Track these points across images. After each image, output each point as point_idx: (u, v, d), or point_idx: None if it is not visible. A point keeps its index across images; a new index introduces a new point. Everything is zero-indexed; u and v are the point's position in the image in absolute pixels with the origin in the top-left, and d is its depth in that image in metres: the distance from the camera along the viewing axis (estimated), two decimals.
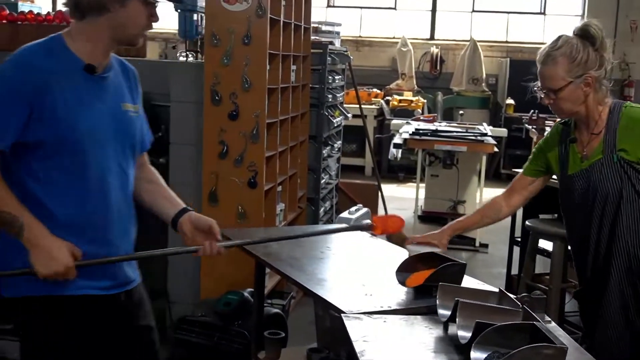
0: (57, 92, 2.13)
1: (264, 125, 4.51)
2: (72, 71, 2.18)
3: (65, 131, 2.14)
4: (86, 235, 2.23)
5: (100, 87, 2.24)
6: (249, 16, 4.41)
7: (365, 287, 2.71)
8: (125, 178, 2.36)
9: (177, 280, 4.80)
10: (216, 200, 4.56)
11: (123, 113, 2.31)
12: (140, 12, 2.21)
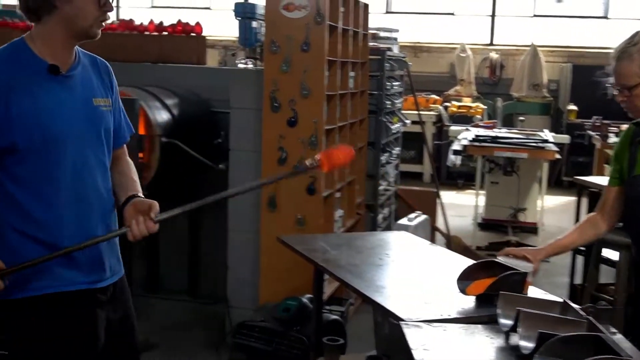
0: (23, 95, 2.15)
1: (322, 132, 4.52)
2: (36, 73, 2.20)
3: (36, 132, 2.16)
4: (64, 231, 2.25)
5: (67, 85, 2.26)
6: (307, 23, 4.43)
7: (425, 294, 2.69)
8: (104, 170, 2.38)
9: (236, 286, 4.84)
10: (275, 206, 4.58)
11: (94, 108, 2.32)
12: (87, 2, 2.21)
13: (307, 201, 4.54)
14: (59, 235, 2.23)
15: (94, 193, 2.34)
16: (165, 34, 5.63)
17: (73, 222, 2.27)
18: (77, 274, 2.29)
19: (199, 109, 5.18)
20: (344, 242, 3.68)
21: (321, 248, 3.45)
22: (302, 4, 4.42)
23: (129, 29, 5.70)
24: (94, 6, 2.22)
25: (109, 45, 5.67)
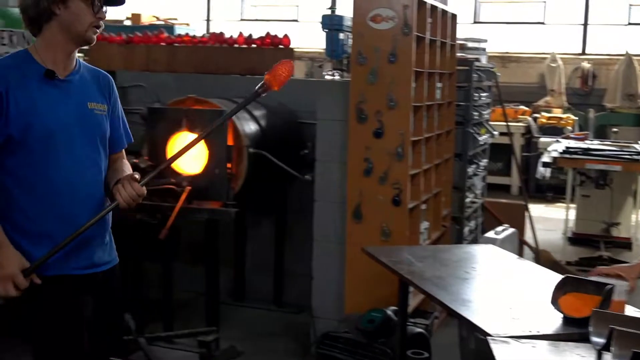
0: (21, 95, 2.39)
1: (408, 143, 4.50)
2: (34, 77, 2.44)
3: (30, 128, 2.39)
4: (54, 223, 2.44)
5: (63, 89, 2.49)
6: (395, 34, 4.42)
7: (513, 309, 2.63)
8: (96, 168, 2.56)
9: (321, 296, 4.86)
10: (360, 217, 4.58)
11: (89, 111, 2.54)
12: (82, 9, 2.44)
13: (393, 212, 4.52)
14: (49, 227, 2.44)
15: (85, 189, 2.52)
16: (254, 46, 5.73)
17: (62, 215, 2.46)
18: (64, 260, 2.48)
19: (286, 120, 5.24)
20: (429, 254, 3.65)
21: (406, 260, 3.43)
22: (389, 16, 4.42)
23: (219, 42, 5.83)
24: (89, 13, 2.46)
25: (199, 58, 5.87)
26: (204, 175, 4.23)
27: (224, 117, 3.15)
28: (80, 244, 2.50)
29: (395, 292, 3.66)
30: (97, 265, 2.61)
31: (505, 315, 2.56)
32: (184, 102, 4.45)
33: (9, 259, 2.37)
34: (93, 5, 2.46)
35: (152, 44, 5.98)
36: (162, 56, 5.93)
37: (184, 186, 4.18)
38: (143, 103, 5.39)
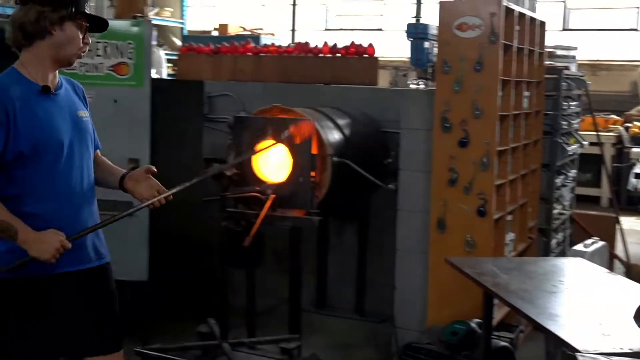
0: (25, 113, 2.59)
1: (494, 153, 4.43)
2: (32, 93, 2.64)
3: (37, 142, 2.60)
4: (62, 221, 2.65)
5: (56, 102, 2.72)
6: (481, 42, 4.37)
7: (603, 325, 2.55)
8: (88, 168, 2.82)
9: (403, 306, 4.82)
10: (444, 227, 4.53)
11: (79, 118, 2.79)
12: (75, 34, 2.68)
13: (478, 223, 4.46)
14: (57, 226, 2.62)
15: (81, 188, 2.77)
16: (338, 55, 5.76)
17: (68, 214, 2.69)
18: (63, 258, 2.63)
19: (369, 129, 5.24)
20: (514, 266, 3.58)
21: (491, 272, 3.38)
22: (475, 24, 4.37)
23: (304, 52, 5.89)
24: (79, 38, 2.70)
25: (284, 67, 5.94)
26: (288, 183, 4.27)
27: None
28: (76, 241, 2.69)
29: (479, 304, 3.61)
30: (92, 260, 2.82)
31: (595, 331, 2.48)
32: (269, 111, 4.51)
33: (46, 235, 2.56)
34: (84, 32, 2.71)
35: (238, 54, 6.09)
36: (248, 66, 6.04)
37: (268, 194, 4.23)
38: (229, 112, 5.49)
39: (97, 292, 2.87)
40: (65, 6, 2.65)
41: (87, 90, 4.70)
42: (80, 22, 2.70)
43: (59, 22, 2.65)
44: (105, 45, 4.61)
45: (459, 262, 3.63)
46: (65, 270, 2.72)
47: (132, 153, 4.39)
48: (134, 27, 4.65)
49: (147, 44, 4.63)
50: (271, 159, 4.36)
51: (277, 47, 6.07)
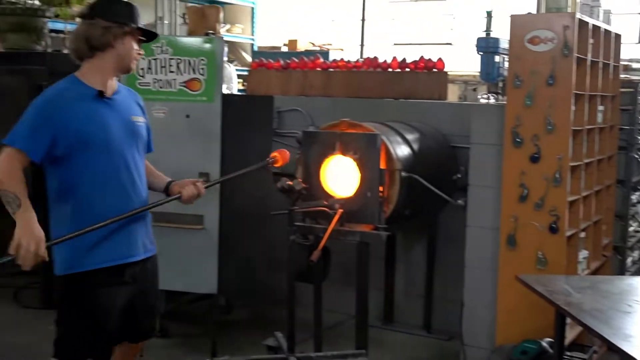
0: (81, 114, 2.93)
1: (567, 169, 4.34)
2: (88, 97, 2.98)
3: (89, 138, 2.93)
4: (109, 212, 2.97)
5: (111, 106, 3.05)
6: (554, 56, 4.30)
7: None
8: (137, 167, 3.11)
9: (472, 324, 4.76)
10: (514, 244, 4.46)
11: (132, 122, 3.11)
12: (133, 45, 3.05)
13: (549, 240, 4.37)
14: (107, 217, 2.95)
15: (132, 184, 3.08)
16: (407, 70, 5.75)
17: (118, 206, 3.00)
18: (114, 251, 3.02)
19: (438, 144, 5.21)
20: (588, 285, 3.50)
21: (563, 290, 3.31)
22: (548, 37, 4.30)
23: (373, 67, 5.90)
24: (134, 48, 3.06)
25: (353, 82, 5.96)
26: (356, 198, 4.27)
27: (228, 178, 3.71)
28: (125, 233, 3.05)
29: (550, 323, 3.53)
30: (142, 253, 3.15)
31: None
32: (338, 126, 4.52)
33: (36, 225, 2.81)
34: (138, 44, 3.08)
35: (308, 70, 6.15)
36: (317, 81, 6.08)
37: (336, 208, 4.24)
38: (298, 127, 5.55)
39: (147, 282, 3.22)
40: (128, 23, 3.03)
41: (160, 105, 4.85)
42: (137, 35, 3.07)
43: (121, 37, 3.01)
44: (179, 62, 4.72)
45: (530, 280, 3.57)
46: (131, 260, 3.08)
47: (203, 167, 4.47)
48: (206, 44, 4.74)
49: (219, 60, 4.72)
50: (339, 173, 4.37)
51: (346, 62, 6.10)
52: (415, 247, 5.54)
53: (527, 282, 3.51)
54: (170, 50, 4.73)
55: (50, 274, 3.09)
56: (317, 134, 4.55)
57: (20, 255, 2.75)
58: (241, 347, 4.98)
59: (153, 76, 4.73)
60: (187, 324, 5.42)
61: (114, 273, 3.04)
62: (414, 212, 4.80)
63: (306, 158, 4.45)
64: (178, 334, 5.18)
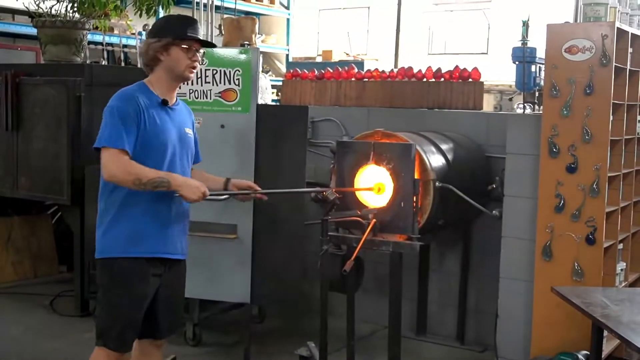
0: (149, 117, 3.19)
1: (605, 179, 4.29)
2: (155, 103, 3.25)
3: (154, 140, 3.20)
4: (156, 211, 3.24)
5: (171, 114, 3.31)
6: (591, 65, 4.26)
7: None
8: (186, 174, 3.37)
9: (507, 335, 4.71)
10: (550, 255, 4.41)
11: (185, 133, 3.39)
12: (181, 55, 3.25)
13: (586, 251, 4.31)
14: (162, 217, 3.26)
15: None
16: (442, 80, 5.72)
17: (162, 208, 3.26)
18: (159, 245, 3.26)
19: (473, 154, 5.17)
20: (626, 297, 3.45)
21: (601, 302, 3.26)
22: (586, 46, 4.26)
23: (407, 76, 5.89)
24: (185, 57, 3.25)
25: (388, 92, 5.95)
26: (390, 208, 4.26)
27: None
28: (166, 231, 3.28)
29: (587, 336, 3.48)
30: (179, 253, 3.37)
31: None
32: (372, 136, 4.52)
33: (196, 182, 3.24)
34: (188, 51, 3.25)
35: (342, 80, 6.15)
36: (351, 91, 6.09)
37: (370, 218, 4.23)
38: (332, 137, 5.55)
39: (174, 282, 3.42)
40: (165, 36, 3.24)
41: (196, 115, 4.89)
42: (184, 45, 3.24)
43: (162, 50, 3.24)
44: (214, 72, 4.76)
45: (567, 292, 3.52)
46: (167, 256, 3.31)
47: (237, 176, 4.47)
48: (241, 55, 4.78)
49: (254, 71, 4.75)
50: (373, 183, 4.36)
51: (380, 72, 6.10)
52: (448, 258, 5.50)
53: (563, 294, 3.46)
54: (206, 61, 4.77)
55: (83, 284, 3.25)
56: (351, 144, 4.55)
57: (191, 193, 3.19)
58: (274, 356, 4.99)
59: (189, 86, 4.77)
60: (220, 332, 5.44)
61: (150, 264, 3.25)
62: (448, 222, 4.77)
63: (340, 168, 4.45)
64: (211, 343, 5.20)
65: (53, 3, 6.34)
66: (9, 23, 8.60)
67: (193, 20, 3.40)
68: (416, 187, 4.20)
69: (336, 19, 14.52)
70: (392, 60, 11.53)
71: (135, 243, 3.21)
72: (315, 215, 4.45)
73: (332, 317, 4.53)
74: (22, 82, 5.98)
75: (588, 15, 4.41)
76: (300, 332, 5.32)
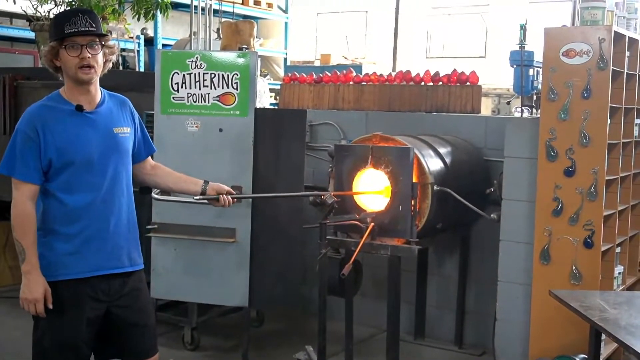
0: (57, 128, 2.92)
1: (602, 183, 4.29)
2: (66, 112, 2.97)
3: (66, 155, 2.92)
4: (94, 233, 2.98)
5: (92, 120, 3.01)
6: (589, 69, 4.26)
7: None
8: (124, 180, 3.10)
9: (505, 339, 4.71)
10: (548, 258, 4.41)
11: (114, 134, 3.06)
12: (67, 57, 2.92)
13: (584, 255, 4.32)
14: (87, 227, 2.97)
15: (116, 199, 3.05)
16: (440, 83, 5.73)
17: (100, 227, 3.00)
18: (101, 260, 3.00)
19: (471, 158, 5.18)
20: (624, 300, 3.45)
21: (599, 306, 3.26)
22: (583, 50, 4.27)
23: (405, 80, 5.89)
24: (70, 58, 2.93)
25: (386, 96, 5.96)
26: (388, 211, 4.27)
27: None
28: (115, 245, 3.04)
29: (584, 339, 3.48)
30: (131, 265, 3.11)
31: None
32: (370, 140, 4.52)
33: (37, 284, 2.89)
34: (72, 50, 2.92)
35: (340, 83, 6.16)
36: (350, 95, 6.09)
37: (368, 222, 4.24)
38: (331, 140, 5.56)
39: (134, 295, 3.13)
40: (50, 40, 2.98)
41: (194, 119, 4.89)
42: (67, 44, 2.93)
43: (53, 54, 2.97)
44: (213, 76, 4.76)
45: (564, 295, 3.52)
46: (101, 273, 3.02)
47: (236, 180, 4.50)
48: (239, 58, 4.78)
49: (253, 74, 4.75)
50: (372, 187, 4.36)
51: (378, 76, 6.10)
52: (447, 261, 5.51)
53: (561, 298, 3.47)
54: (204, 65, 4.77)
55: None
56: (349, 148, 4.55)
57: (25, 307, 2.94)
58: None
59: (187, 90, 4.78)
60: (219, 336, 5.43)
61: (86, 285, 2.98)
62: (446, 225, 4.77)
63: (338, 171, 4.45)
64: (209, 347, 5.20)
65: (51, 7, 6.34)
66: (7, 27, 8.61)
67: (71, 13, 3.04)
68: (414, 190, 4.20)
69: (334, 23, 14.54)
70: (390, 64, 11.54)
71: (64, 264, 2.96)
72: (314, 219, 4.45)
73: (331, 321, 4.53)
74: (20, 86, 5.98)
75: (585, 19, 4.42)
76: (298, 336, 5.32)
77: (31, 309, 2.92)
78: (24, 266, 2.90)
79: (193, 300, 5.00)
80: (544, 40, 4.42)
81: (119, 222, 3.07)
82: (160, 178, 3.41)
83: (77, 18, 2.92)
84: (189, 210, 4.62)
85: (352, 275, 4.22)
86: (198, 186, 3.36)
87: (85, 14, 2.96)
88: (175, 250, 4.84)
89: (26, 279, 2.90)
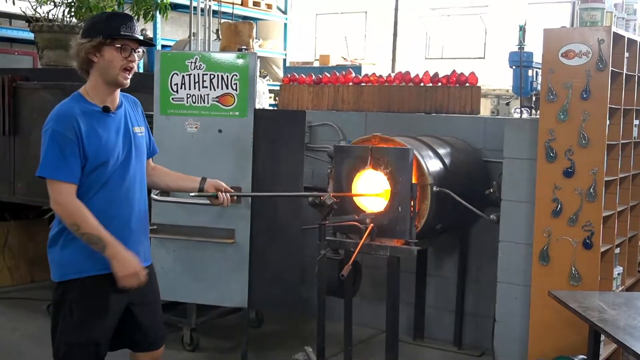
0: (88, 129, 2.96)
1: (602, 183, 4.29)
2: (94, 114, 3.01)
3: (100, 156, 2.99)
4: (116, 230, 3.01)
5: (114, 120, 3.08)
6: (588, 70, 4.26)
7: None
8: (143, 179, 3.23)
9: (504, 340, 4.71)
10: (547, 259, 4.41)
11: (134, 133, 3.16)
12: (115, 56, 2.98)
13: (583, 256, 4.32)
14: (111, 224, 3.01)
15: (137, 196, 3.16)
16: (439, 84, 5.73)
17: (122, 223, 3.08)
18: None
19: (470, 159, 5.18)
20: (623, 301, 3.45)
21: (598, 306, 3.26)
22: (582, 51, 4.27)
23: (404, 81, 5.90)
24: (119, 58, 2.99)
25: (385, 97, 5.96)
26: (387, 212, 4.27)
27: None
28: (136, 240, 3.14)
29: (584, 340, 3.48)
30: (145, 260, 3.17)
31: None
32: (370, 140, 4.52)
33: (128, 259, 3.00)
34: (122, 51, 2.99)
35: (340, 84, 6.17)
36: (349, 95, 6.10)
37: (367, 223, 4.23)
38: (330, 141, 5.56)
39: (150, 289, 3.22)
40: (96, 35, 2.97)
41: (193, 120, 4.90)
42: (118, 45, 2.99)
43: (94, 50, 2.98)
44: (212, 77, 4.76)
45: (564, 296, 3.53)
46: None
47: (235, 181, 4.49)
48: (239, 60, 4.78)
49: (252, 75, 4.75)
50: (371, 188, 4.36)
51: (378, 77, 6.11)
52: (446, 262, 5.51)
53: (560, 298, 3.47)
54: (204, 66, 4.77)
55: None
56: (348, 149, 4.55)
57: (128, 285, 3.02)
58: None
59: (186, 91, 4.78)
60: (218, 337, 5.43)
61: (111, 281, 3.02)
62: (446, 226, 4.77)
63: (338, 172, 4.45)
64: (208, 348, 5.19)
65: (50, 8, 6.34)
66: (6, 28, 8.61)
67: (127, 17, 3.11)
68: (414, 191, 4.20)
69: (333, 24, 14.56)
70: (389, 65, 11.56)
71: (90, 261, 3.02)
72: (313, 219, 4.44)
73: (330, 322, 4.53)
74: (19, 87, 5.98)
75: (584, 20, 4.42)
76: (297, 337, 5.32)
77: (135, 282, 3.01)
78: (108, 250, 2.95)
79: (192, 301, 5.00)
80: (543, 41, 4.42)
81: (139, 219, 3.17)
82: (158, 178, 3.46)
83: (132, 23, 3.05)
84: (188, 211, 4.63)
85: (351, 276, 4.22)
86: (196, 183, 3.40)
87: (134, 21, 3.11)
88: (175, 251, 4.84)
89: (116, 260, 2.96)
